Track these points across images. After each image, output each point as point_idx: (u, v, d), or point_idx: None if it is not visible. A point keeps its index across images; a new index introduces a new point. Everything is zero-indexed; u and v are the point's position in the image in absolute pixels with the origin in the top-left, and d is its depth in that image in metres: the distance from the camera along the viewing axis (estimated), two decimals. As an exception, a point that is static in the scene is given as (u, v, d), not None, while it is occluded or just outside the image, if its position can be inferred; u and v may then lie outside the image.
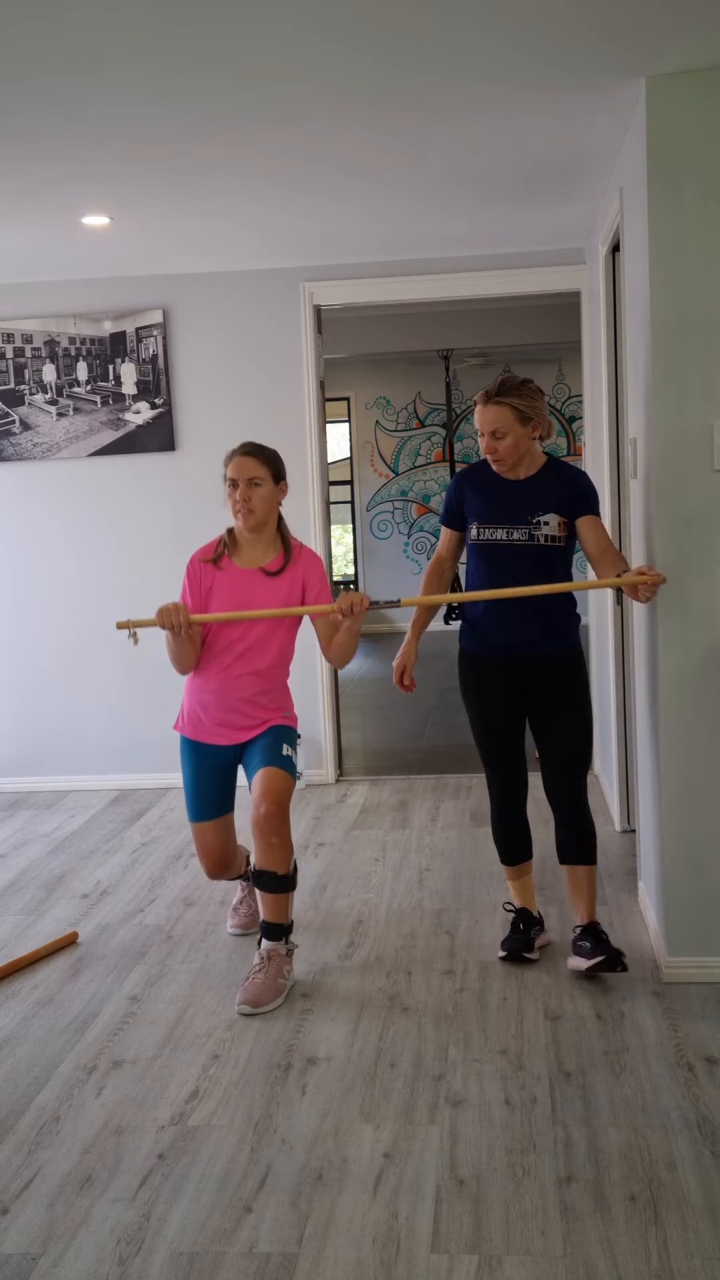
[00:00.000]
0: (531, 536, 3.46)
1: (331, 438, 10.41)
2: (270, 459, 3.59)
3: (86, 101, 3.25)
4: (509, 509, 3.48)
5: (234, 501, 3.56)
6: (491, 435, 3.43)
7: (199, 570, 3.63)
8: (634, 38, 2.96)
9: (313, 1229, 2.41)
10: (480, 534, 3.52)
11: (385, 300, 5.83)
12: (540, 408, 3.45)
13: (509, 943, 3.67)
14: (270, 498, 3.58)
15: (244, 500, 3.53)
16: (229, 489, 3.57)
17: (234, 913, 4.04)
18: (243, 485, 3.53)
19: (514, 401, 3.39)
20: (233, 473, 3.55)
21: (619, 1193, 2.48)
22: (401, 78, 3.17)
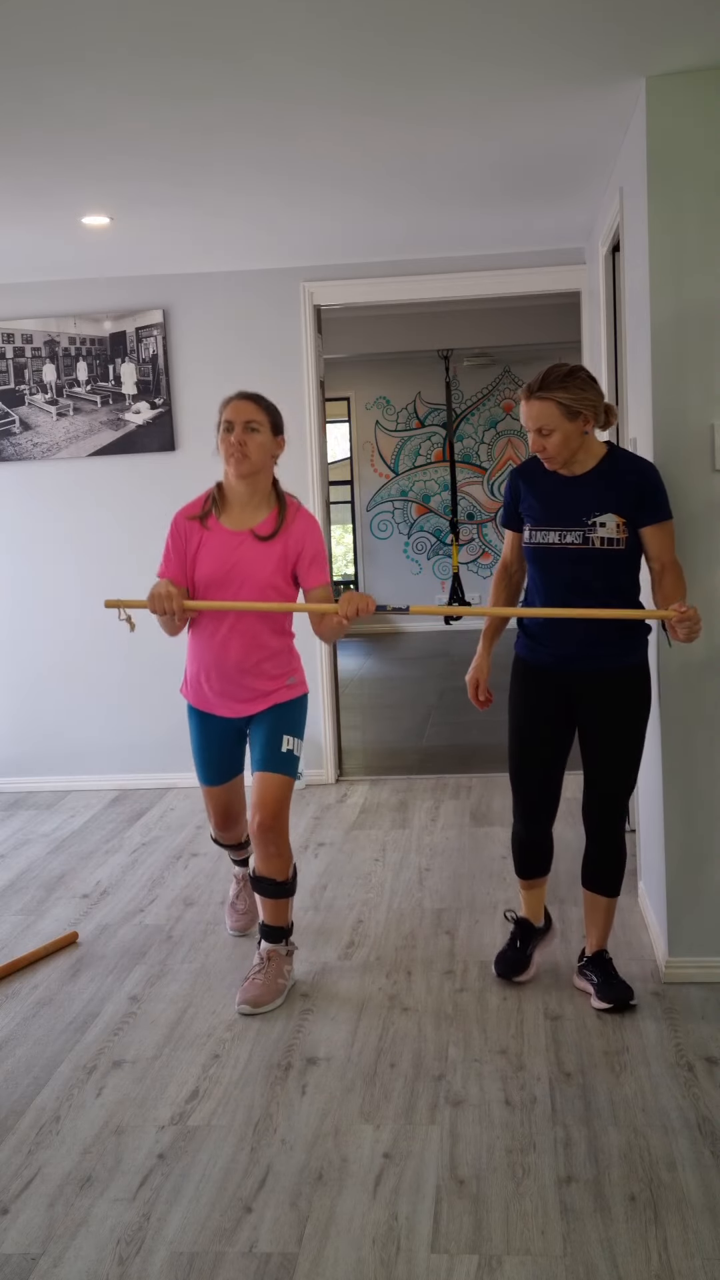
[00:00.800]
0: (586, 539, 3.14)
1: (331, 438, 10.42)
2: (270, 408, 3.41)
3: (87, 101, 3.25)
4: (562, 509, 3.17)
5: (227, 445, 3.34)
6: (537, 433, 3.13)
7: (184, 528, 3.43)
8: (634, 38, 2.96)
9: (313, 1229, 2.41)
10: (533, 536, 3.23)
11: (385, 300, 5.83)
12: (590, 398, 3.11)
13: (503, 963, 3.54)
14: (266, 447, 3.37)
15: (239, 444, 3.32)
16: (223, 433, 3.35)
17: (231, 910, 4.00)
18: (239, 428, 3.33)
19: (559, 396, 3.07)
20: (229, 414, 3.35)
21: (619, 1193, 2.48)
22: (402, 77, 3.18)
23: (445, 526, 10.97)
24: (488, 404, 10.87)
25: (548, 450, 3.13)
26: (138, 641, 4.49)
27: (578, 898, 4.13)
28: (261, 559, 3.35)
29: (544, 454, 3.15)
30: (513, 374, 10.77)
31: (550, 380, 3.10)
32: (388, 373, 10.87)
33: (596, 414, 3.13)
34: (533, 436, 3.14)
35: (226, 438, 3.35)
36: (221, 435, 3.36)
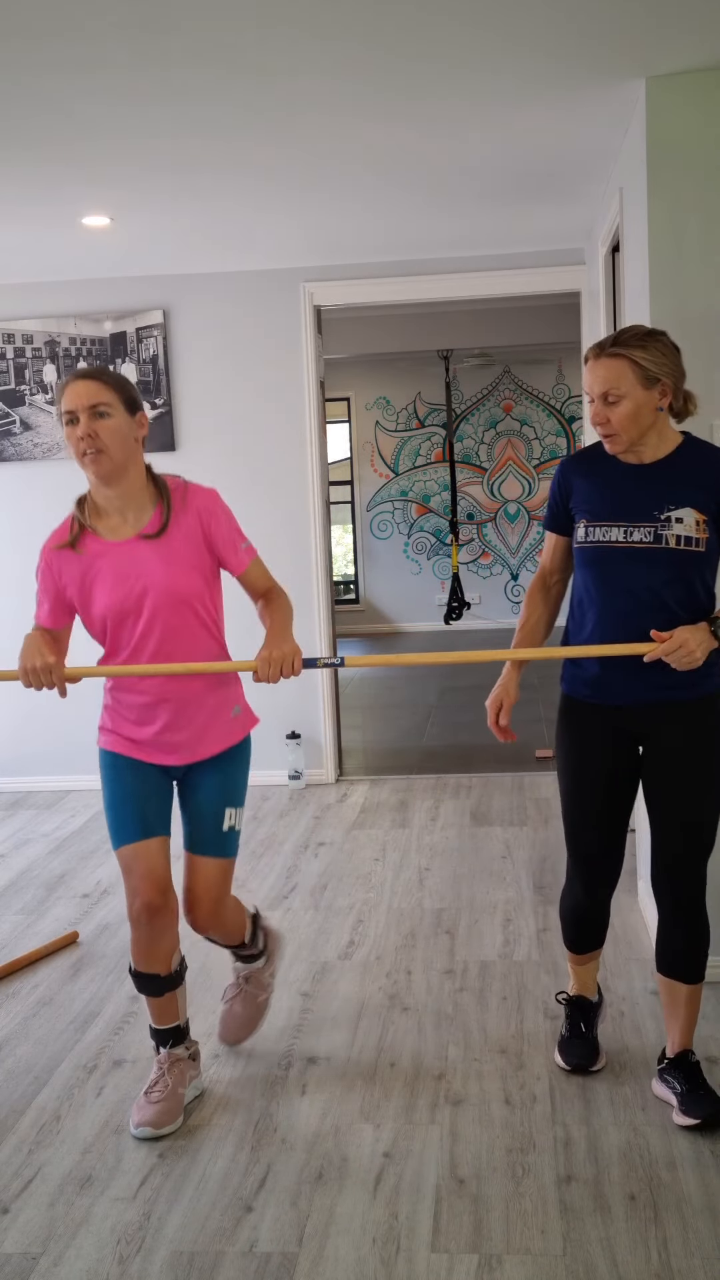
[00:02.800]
0: (659, 538, 2.59)
1: (331, 438, 10.41)
2: (118, 382, 2.70)
3: (87, 101, 3.25)
4: (629, 500, 2.63)
5: (75, 441, 2.64)
6: (602, 399, 2.56)
7: (55, 564, 2.76)
8: (634, 38, 2.97)
9: (313, 1229, 2.41)
10: (590, 534, 2.67)
11: (385, 300, 5.83)
12: (672, 366, 2.59)
13: (571, 1053, 2.97)
14: (124, 432, 2.67)
15: (88, 436, 2.62)
16: (66, 428, 2.66)
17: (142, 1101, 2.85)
18: (84, 417, 2.62)
19: (636, 354, 2.54)
20: (68, 403, 2.63)
21: (619, 1192, 2.48)
22: (402, 78, 3.18)
23: (445, 527, 10.97)
24: (488, 404, 10.87)
25: (613, 423, 2.57)
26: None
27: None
28: (162, 562, 2.69)
29: (607, 428, 2.59)
30: (513, 374, 10.77)
31: (627, 337, 2.58)
32: (388, 373, 10.87)
33: (677, 388, 2.62)
34: (595, 406, 2.59)
35: (72, 432, 2.65)
36: (66, 431, 2.67)
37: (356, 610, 11.23)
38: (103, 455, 2.64)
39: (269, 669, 2.65)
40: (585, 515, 2.70)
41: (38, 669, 2.66)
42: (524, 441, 10.89)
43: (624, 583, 2.64)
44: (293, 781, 5.83)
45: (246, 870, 4.62)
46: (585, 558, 2.70)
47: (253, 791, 5.72)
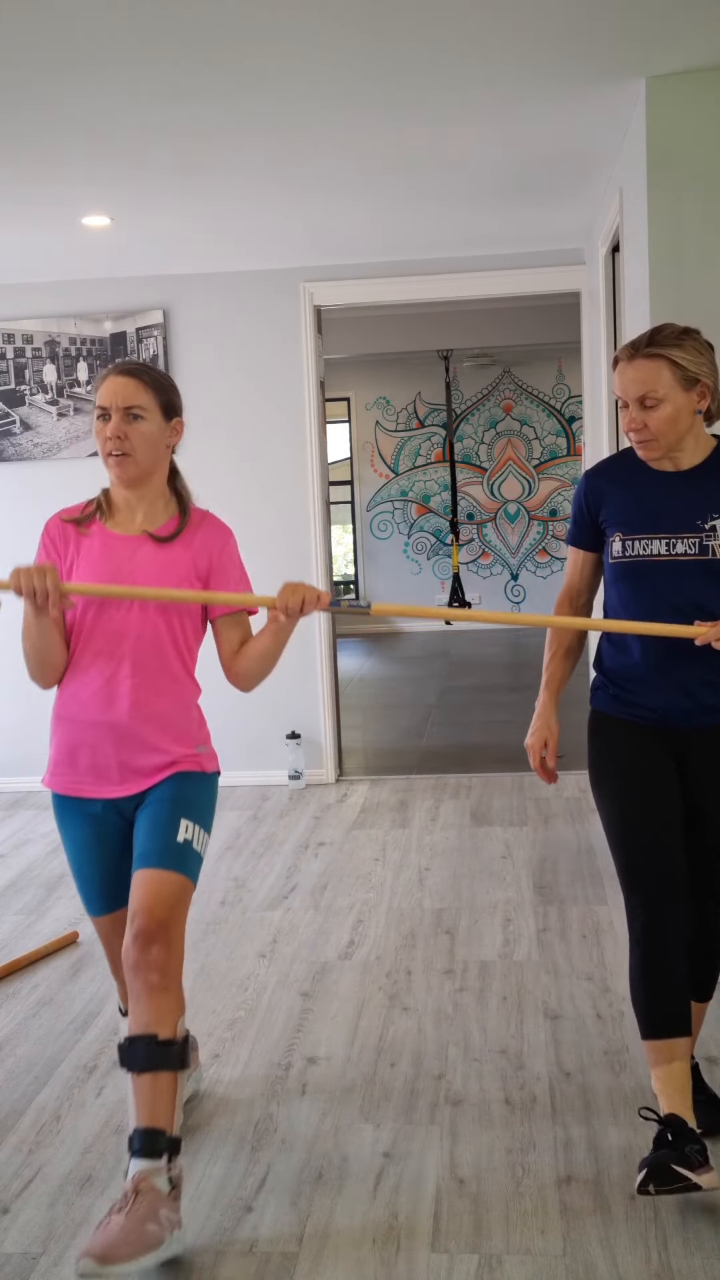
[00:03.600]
0: (704, 549, 2.43)
1: (331, 438, 10.41)
2: (159, 384, 2.56)
3: (87, 101, 3.25)
4: (669, 511, 2.46)
5: (102, 440, 2.52)
6: (639, 404, 2.41)
7: (59, 533, 2.61)
8: (634, 38, 2.97)
9: (313, 1229, 2.41)
10: (627, 548, 2.49)
11: (385, 300, 5.83)
12: (710, 365, 2.44)
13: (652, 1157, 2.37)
14: (156, 439, 2.54)
15: (116, 438, 2.49)
16: (97, 423, 2.55)
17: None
18: (116, 417, 2.49)
19: (674, 354, 2.39)
20: (104, 398, 2.51)
21: (619, 1192, 2.48)
22: (402, 77, 3.18)
23: (445, 527, 10.97)
24: (488, 404, 10.88)
25: (650, 428, 2.41)
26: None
27: (577, 896, 4.14)
28: (158, 565, 2.53)
29: (643, 435, 2.43)
30: (513, 374, 10.77)
31: (663, 336, 2.42)
32: (388, 373, 10.87)
33: (715, 390, 2.46)
34: (629, 413, 2.43)
35: (101, 428, 2.53)
36: (96, 424, 2.55)
37: (356, 610, 11.22)
38: (128, 459, 2.51)
39: (292, 597, 2.42)
40: (620, 528, 2.50)
41: (27, 569, 2.39)
42: (524, 441, 10.90)
43: (668, 598, 2.45)
44: (293, 781, 5.83)
45: (247, 870, 4.63)
46: (622, 573, 2.51)
47: (252, 791, 5.74)
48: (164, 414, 2.56)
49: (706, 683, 2.46)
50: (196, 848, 2.49)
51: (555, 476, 10.87)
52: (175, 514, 2.61)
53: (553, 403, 10.79)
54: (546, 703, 2.66)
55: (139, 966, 2.35)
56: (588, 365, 5.66)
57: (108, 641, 2.51)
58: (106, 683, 2.51)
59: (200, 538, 2.59)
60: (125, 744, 2.51)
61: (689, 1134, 2.38)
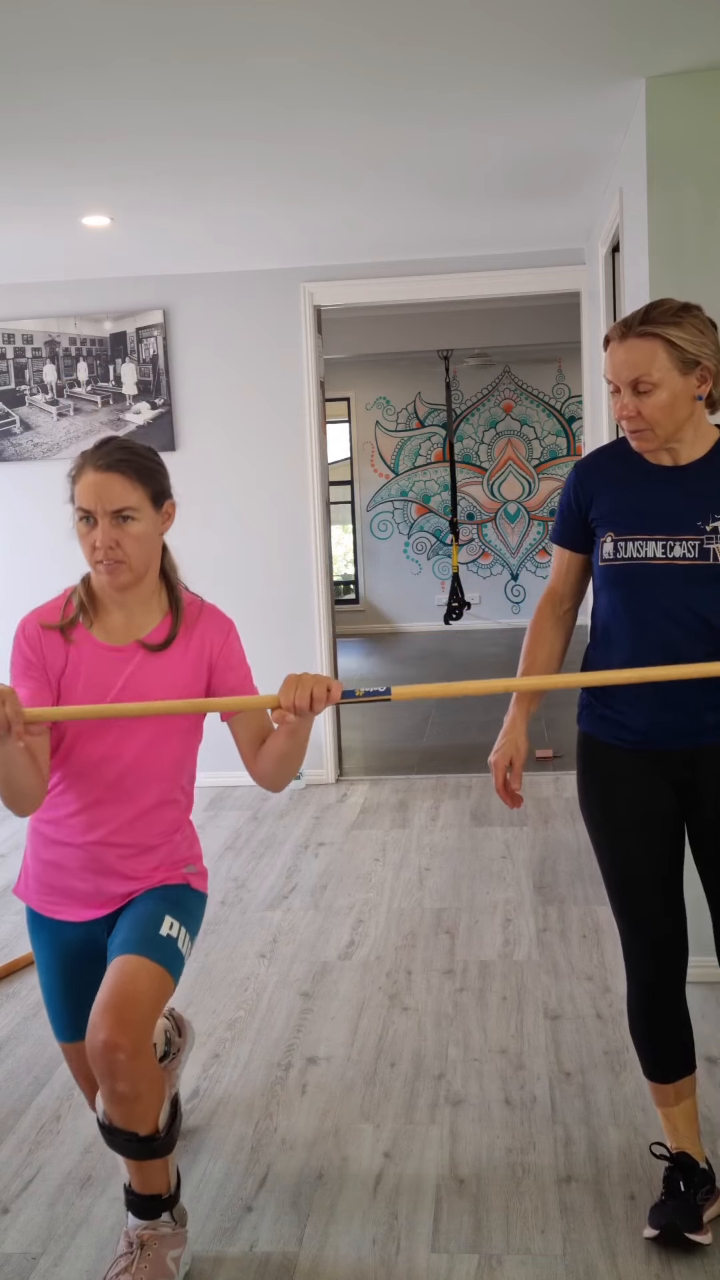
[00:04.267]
0: (705, 552, 2.20)
1: (331, 438, 10.41)
2: (146, 471, 2.23)
3: (86, 101, 3.25)
4: (666, 510, 2.23)
5: (90, 547, 2.20)
6: (631, 388, 2.15)
7: (40, 642, 2.25)
8: (634, 38, 2.96)
9: (313, 1229, 2.41)
10: (620, 550, 2.25)
11: (385, 300, 5.83)
12: (712, 346, 2.17)
13: (663, 1215, 2.30)
14: (151, 538, 2.24)
15: (108, 547, 2.18)
16: (80, 525, 2.22)
17: None
18: (104, 523, 2.18)
19: (671, 333, 2.13)
20: (85, 499, 2.19)
21: (619, 1192, 2.48)
22: (402, 78, 3.18)
23: (445, 527, 10.97)
24: (488, 404, 10.87)
25: (644, 416, 2.16)
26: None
27: (577, 896, 4.14)
28: (161, 679, 2.26)
29: (636, 423, 2.18)
30: (513, 374, 10.77)
31: (658, 313, 2.15)
32: (388, 373, 10.87)
33: (718, 373, 2.19)
34: (621, 399, 2.18)
35: (87, 533, 2.21)
36: (77, 524, 2.23)
37: (356, 610, 11.23)
38: (122, 567, 2.20)
39: (299, 693, 2.07)
40: (612, 528, 2.26)
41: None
42: (524, 441, 10.89)
43: (664, 605, 2.22)
44: (293, 781, 5.82)
45: (247, 870, 4.63)
46: (613, 577, 2.27)
47: (252, 791, 5.74)
48: (155, 505, 2.23)
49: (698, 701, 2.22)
50: (180, 947, 2.26)
51: (555, 476, 10.87)
52: (167, 610, 2.31)
53: (553, 403, 10.79)
54: (516, 717, 2.39)
55: (105, 1075, 2.11)
56: (588, 365, 5.66)
57: (92, 765, 2.25)
58: (87, 809, 2.26)
59: (198, 636, 2.31)
60: (106, 875, 2.29)
61: (699, 1177, 2.34)
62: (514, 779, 2.36)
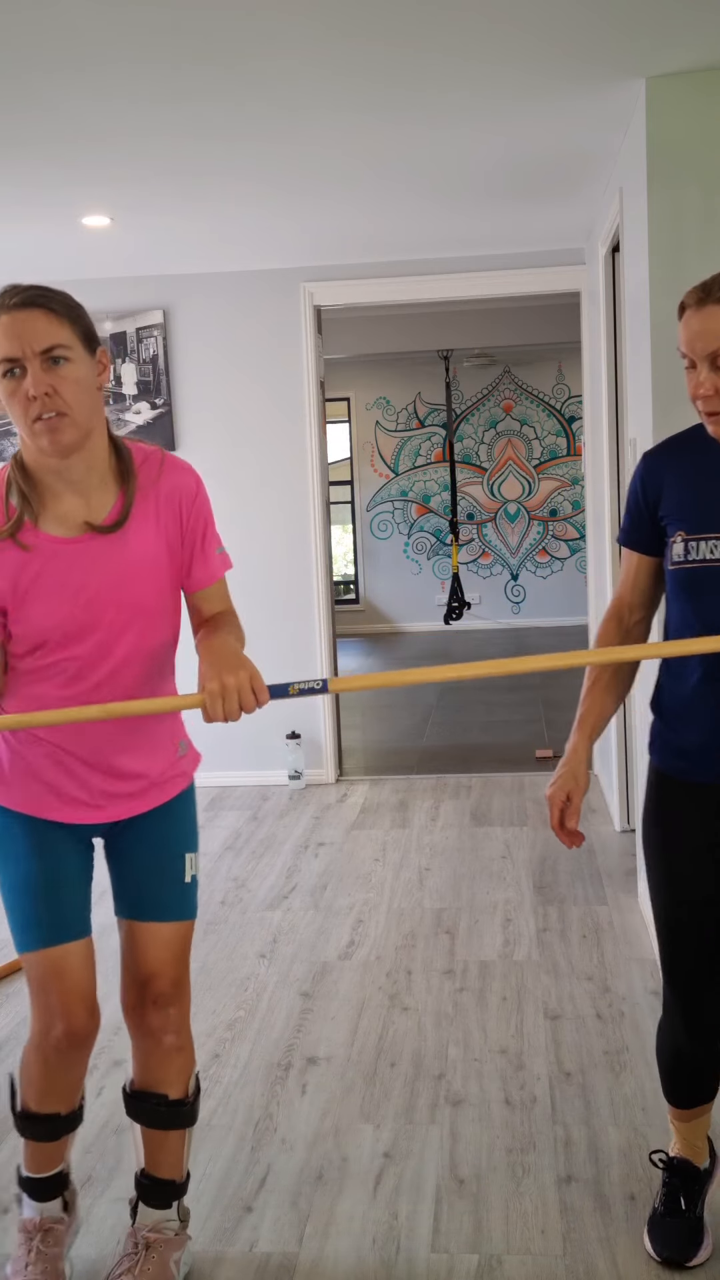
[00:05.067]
0: None
1: (331, 438, 10.41)
2: (70, 308, 1.92)
3: (86, 101, 3.25)
4: None
5: (22, 404, 1.88)
6: (710, 362, 1.89)
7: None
8: (634, 38, 2.96)
9: (313, 1229, 2.41)
10: (692, 551, 1.99)
11: (385, 300, 5.83)
12: None
13: (666, 1238, 2.26)
14: (89, 384, 1.93)
15: (44, 394, 1.86)
16: (4, 381, 1.89)
17: None
18: (34, 366, 1.86)
19: None
20: (8, 347, 1.85)
21: (619, 1193, 2.48)
22: (401, 77, 3.18)
23: (445, 527, 10.96)
24: (488, 404, 10.87)
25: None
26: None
27: (577, 896, 4.14)
28: (123, 567, 2.00)
29: (714, 403, 1.91)
30: (513, 374, 10.77)
31: None
32: (388, 373, 10.87)
33: None
34: (697, 375, 1.91)
35: (13, 389, 1.88)
36: (1, 383, 1.89)
37: (356, 610, 11.23)
38: (65, 420, 1.88)
39: (221, 703, 1.87)
40: (683, 526, 2.00)
41: None
42: (524, 441, 10.89)
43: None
44: (293, 781, 5.83)
45: (247, 870, 4.63)
46: (684, 582, 2.01)
47: (252, 791, 5.74)
48: (88, 347, 1.93)
49: None
50: (195, 875, 2.22)
51: (555, 476, 10.87)
52: (120, 484, 2.01)
53: (553, 403, 10.79)
54: (576, 747, 2.10)
55: (153, 1029, 2.16)
56: (588, 365, 5.66)
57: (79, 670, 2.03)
58: (68, 702, 2.03)
59: (159, 501, 2.03)
60: (95, 769, 2.09)
61: (694, 1174, 2.31)
62: (571, 816, 2.06)
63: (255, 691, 1.89)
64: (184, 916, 2.19)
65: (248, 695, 1.89)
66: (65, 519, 1.98)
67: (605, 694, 2.13)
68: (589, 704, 2.13)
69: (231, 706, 1.88)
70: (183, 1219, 2.28)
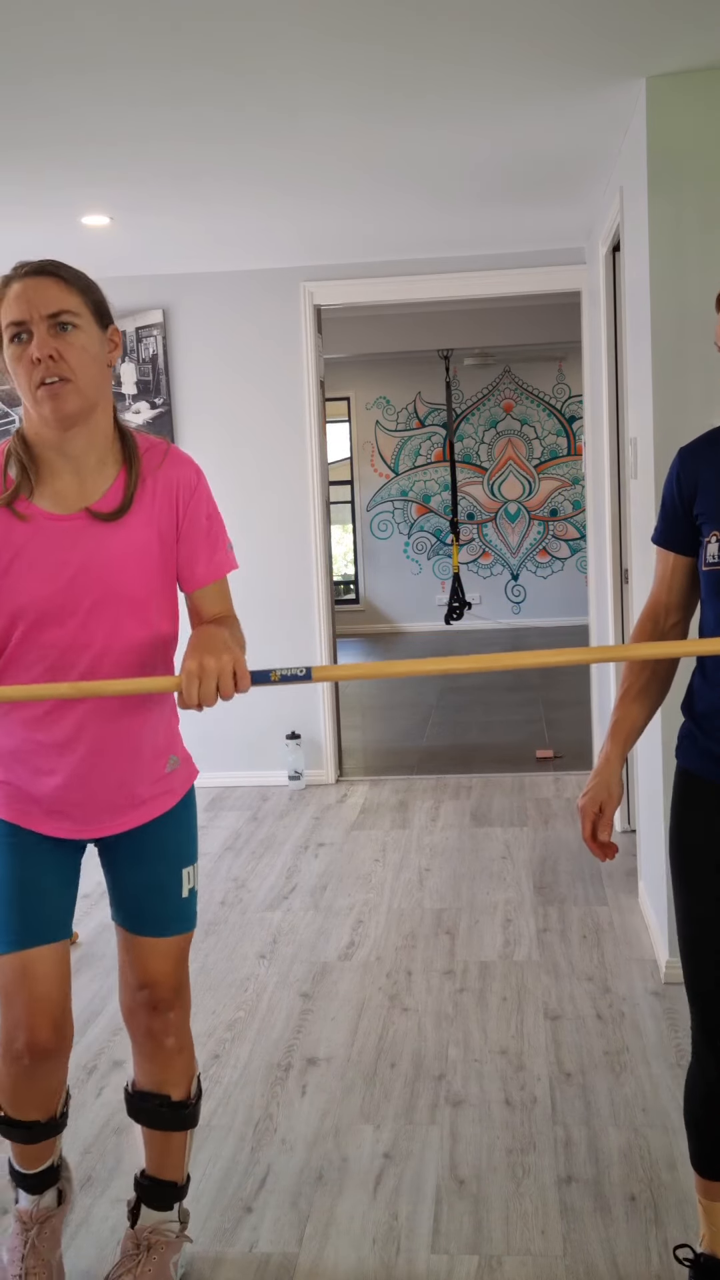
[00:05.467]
0: None
1: (331, 438, 10.41)
2: (83, 280, 1.98)
3: (86, 102, 3.25)
4: None
5: (26, 367, 1.86)
6: None
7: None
8: (634, 38, 2.96)
9: (313, 1229, 2.41)
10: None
11: (385, 300, 5.83)
12: None
13: None
14: (95, 353, 1.92)
15: (48, 359, 1.84)
16: (11, 346, 1.88)
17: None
18: (41, 329, 1.85)
19: None
20: (15, 310, 1.86)
21: (619, 1193, 2.48)
22: (401, 78, 3.17)
23: (445, 526, 10.96)
24: (488, 404, 10.87)
25: None
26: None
27: (577, 896, 4.14)
28: (109, 551, 1.94)
29: None
30: (513, 374, 10.77)
31: None
32: (388, 373, 10.87)
33: None
34: None
35: (19, 353, 1.86)
36: (8, 349, 1.88)
37: (356, 610, 11.23)
38: (69, 387, 1.84)
39: (198, 685, 1.79)
40: (717, 526, 1.89)
41: None
42: (524, 441, 10.89)
43: None
44: (293, 782, 5.83)
45: (247, 871, 4.63)
46: (717, 585, 1.90)
47: (252, 791, 5.74)
48: (98, 320, 1.94)
49: None
50: (194, 889, 2.18)
51: (556, 476, 10.87)
52: (122, 465, 1.96)
53: (553, 402, 10.79)
54: (609, 757, 1.99)
55: (154, 1033, 2.16)
56: (588, 365, 5.66)
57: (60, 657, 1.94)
58: (62, 722, 1.96)
59: (164, 485, 1.97)
60: (82, 785, 2.01)
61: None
62: (603, 828, 1.96)
63: (236, 676, 1.82)
64: (184, 930, 2.16)
65: (227, 679, 1.81)
66: (60, 496, 1.95)
67: (636, 703, 2.02)
68: (621, 712, 2.03)
69: (209, 690, 1.80)
70: (182, 1221, 2.28)
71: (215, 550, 2.06)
